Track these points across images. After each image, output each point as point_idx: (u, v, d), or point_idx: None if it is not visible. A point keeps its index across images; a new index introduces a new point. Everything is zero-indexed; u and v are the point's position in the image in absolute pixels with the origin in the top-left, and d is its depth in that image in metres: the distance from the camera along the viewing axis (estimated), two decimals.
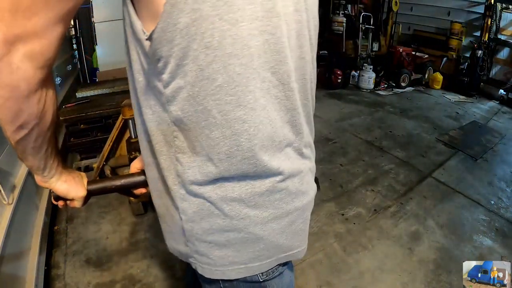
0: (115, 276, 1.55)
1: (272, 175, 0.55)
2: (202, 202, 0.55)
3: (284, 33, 0.50)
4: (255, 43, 0.47)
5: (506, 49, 5.15)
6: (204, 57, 0.45)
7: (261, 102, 0.50)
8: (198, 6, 0.42)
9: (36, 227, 1.57)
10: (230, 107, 0.48)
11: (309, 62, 0.59)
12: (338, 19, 5.15)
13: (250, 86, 0.48)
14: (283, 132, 0.55)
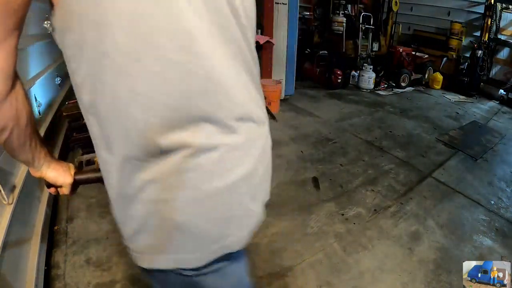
0: (115, 276, 1.54)
1: (177, 150, 0.50)
2: (120, 186, 0.54)
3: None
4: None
5: (506, 49, 5.16)
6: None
7: (155, 70, 0.47)
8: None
9: (36, 227, 1.57)
10: (121, 79, 0.47)
11: (235, 24, 0.56)
12: (338, 19, 5.15)
13: (140, 54, 0.46)
14: (189, 104, 0.50)
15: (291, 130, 3.37)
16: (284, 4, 3.82)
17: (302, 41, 4.94)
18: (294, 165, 2.67)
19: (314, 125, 3.55)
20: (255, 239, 1.82)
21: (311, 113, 3.92)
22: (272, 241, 1.82)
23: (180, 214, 0.53)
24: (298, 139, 3.18)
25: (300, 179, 2.47)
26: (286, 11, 3.87)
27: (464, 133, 3.63)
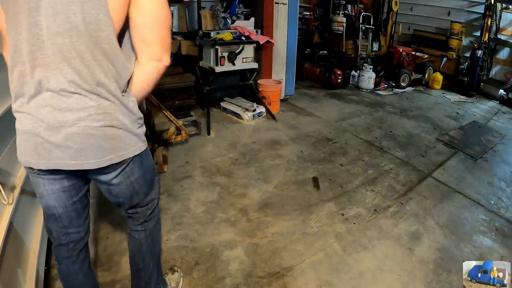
0: (115, 276, 1.54)
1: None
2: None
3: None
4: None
5: (506, 49, 5.16)
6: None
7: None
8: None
9: (36, 227, 1.57)
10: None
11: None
12: (338, 19, 5.15)
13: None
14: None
15: (291, 130, 3.37)
16: (284, 4, 3.82)
17: (302, 41, 4.95)
18: (294, 165, 2.67)
19: (314, 125, 3.55)
20: (255, 239, 1.83)
21: (311, 113, 3.92)
22: (272, 241, 1.82)
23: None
24: (298, 139, 3.18)
25: (300, 179, 2.47)
26: (286, 11, 3.87)
27: (464, 133, 3.63)
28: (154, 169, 1.16)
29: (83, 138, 0.88)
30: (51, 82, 0.84)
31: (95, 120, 0.88)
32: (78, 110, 0.86)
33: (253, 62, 3.58)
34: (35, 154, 0.90)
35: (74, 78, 0.85)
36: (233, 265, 1.65)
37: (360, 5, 5.60)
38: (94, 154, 0.90)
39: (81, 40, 0.83)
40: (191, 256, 1.69)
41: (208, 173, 2.47)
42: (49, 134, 0.87)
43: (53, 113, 0.85)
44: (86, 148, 0.89)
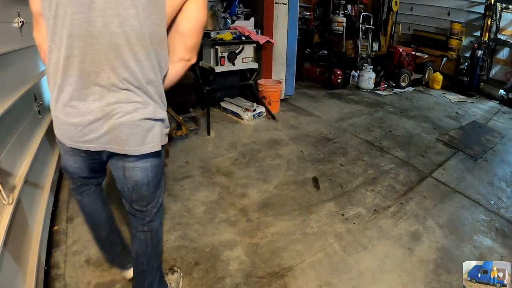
0: (115, 276, 1.54)
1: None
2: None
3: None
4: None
5: (506, 49, 5.16)
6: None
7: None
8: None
9: (36, 227, 1.57)
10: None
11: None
12: (338, 19, 5.15)
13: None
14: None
15: (291, 130, 3.37)
16: (284, 4, 3.82)
17: (302, 41, 4.95)
18: (294, 165, 2.67)
19: (314, 125, 3.55)
20: (255, 239, 1.83)
21: (311, 113, 3.92)
22: (272, 241, 1.82)
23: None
24: (298, 139, 3.18)
25: (300, 179, 2.47)
26: (286, 11, 3.87)
27: (464, 133, 3.63)
28: (162, 165, 1.21)
29: (127, 129, 0.97)
30: (101, 77, 0.91)
31: (140, 113, 0.97)
32: (126, 104, 0.95)
33: (253, 62, 3.58)
34: (76, 138, 0.99)
35: (127, 77, 0.92)
36: (233, 265, 1.65)
37: (360, 5, 5.60)
38: (136, 142, 1.00)
39: (138, 42, 0.90)
40: (191, 256, 1.69)
41: (208, 173, 2.47)
42: (94, 124, 0.95)
43: (100, 105, 0.93)
44: (129, 137, 0.98)
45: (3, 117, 1.43)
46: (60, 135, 1.02)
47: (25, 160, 1.68)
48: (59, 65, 0.90)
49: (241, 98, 3.92)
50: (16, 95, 1.68)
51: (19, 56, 1.90)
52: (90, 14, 0.85)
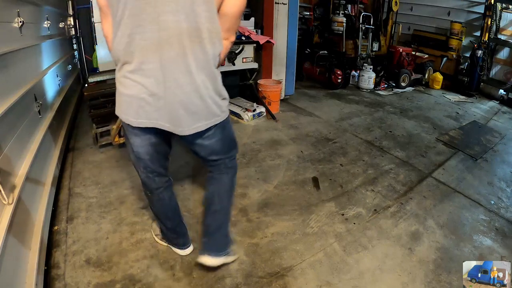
0: (115, 276, 1.54)
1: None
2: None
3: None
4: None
5: (506, 49, 5.16)
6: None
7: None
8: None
9: (36, 227, 1.57)
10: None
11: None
12: (338, 19, 5.15)
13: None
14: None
15: (291, 130, 3.37)
16: (284, 4, 3.82)
17: (302, 41, 4.95)
18: (294, 165, 2.67)
19: (314, 125, 3.55)
20: (255, 239, 1.82)
21: (311, 113, 3.92)
22: (272, 241, 1.82)
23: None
24: (298, 139, 3.18)
25: (300, 179, 2.47)
26: (286, 11, 3.87)
27: (464, 133, 3.63)
28: (233, 134, 1.41)
29: (188, 106, 1.14)
30: (165, 55, 1.07)
31: (199, 92, 1.13)
32: (187, 84, 1.11)
33: (253, 62, 3.58)
34: (135, 114, 1.15)
35: (191, 60, 1.09)
36: (233, 265, 1.64)
37: (360, 5, 5.60)
38: (204, 117, 1.18)
39: (205, 29, 1.08)
40: (191, 256, 1.69)
41: None
42: (155, 101, 1.12)
43: (163, 79, 1.09)
44: (205, 112, 1.18)
45: (3, 117, 1.43)
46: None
47: (25, 160, 1.68)
48: (137, 48, 1.10)
49: (241, 98, 3.92)
50: (16, 95, 1.68)
51: (19, 56, 1.90)
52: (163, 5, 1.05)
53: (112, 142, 2.71)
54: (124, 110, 1.18)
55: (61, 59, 3.22)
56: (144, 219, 1.94)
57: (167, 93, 1.11)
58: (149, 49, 1.06)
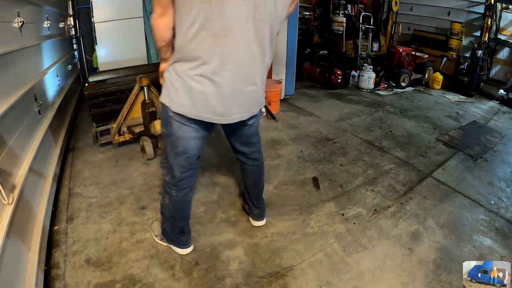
0: (115, 276, 1.55)
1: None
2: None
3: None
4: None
5: (506, 49, 5.15)
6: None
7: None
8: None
9: (36, 227, 1.57)
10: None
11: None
12: (338, 19, 5.15)
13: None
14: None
15: (291, 130, 3.37)
16: None
17: (302, 41, 4.94)
18: (294, 165, 2.67)
19: (314, 125, 3.55)
20: (255, 239, 1.83)
21: (311, 113, 3.92)
22: (272, 241, 1.82)
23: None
24: (298, 139, 3.18)
25: (300, 179, 2.47)
26: None
27: (464, 133, 3.63)
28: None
29: (250, 99, 1.36)
30: (239, 56, 1.22)
31: (258, 86, 1.35)
32: (253, 79, 1.30)
33: None
34: (206, 110, 1.28)
35: (256, 56, 1.26)
36: (233, 265, 1.65)
37: (360, 5, 5.60)
38: (253, 107, 1.42)
39: (272, 27, 1.25)
40: (191, 256, 1.69)
41: (208, 173, 2.47)
42: (229, 97, 1.28)
43: (234, 80, 1.25)
44: (250, 105, 1.39)
45: (3, 117, 1.43)
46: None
47: (25, 160, 1.68)
48: (209, 45, 1.21)
49: None
50: (16, 95, 1.68)
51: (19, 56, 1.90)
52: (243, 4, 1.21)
53: (112, 140, 2.72)
54: (188, 104, 1.27)
55: (61, 59, 3.22)
56: (144, 219, 1.95)
57: (236, 89, 1.29)
58: (231, 52, 1.20)
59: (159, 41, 1.24)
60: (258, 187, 1.85)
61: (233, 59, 1.21)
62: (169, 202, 1.56)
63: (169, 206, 1.58)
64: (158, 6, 1.16)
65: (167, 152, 1.45)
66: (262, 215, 1.92)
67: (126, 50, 4.29)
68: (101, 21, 4.08)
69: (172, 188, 1.52)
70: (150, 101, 2.55)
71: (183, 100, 1.27)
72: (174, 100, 1.29)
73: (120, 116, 2.64)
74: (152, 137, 2.61)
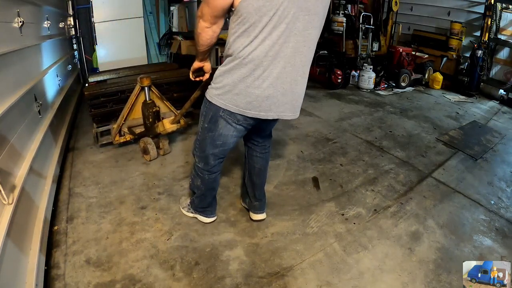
0: (115, 276, 1.55)
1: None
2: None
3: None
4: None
5: (506, 49, 5.15)
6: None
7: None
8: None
9: (36, 227, 1.57)
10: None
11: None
12: (338, 19, 5.15)
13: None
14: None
15: (291, 130, 3.37)
16: None
17: None
18: (294, 165, 2.67)
19: (314, 125, 3.55)
20: (255, 239, 1.83)
21: (311, 113, 3.92)
22: (272, 241, 1.82)
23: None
24: (298, 139, 3.18)
25: (300, 179, 2.47)
26: None
27: (464, 133, 3.63)
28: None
29: (299, 99, 1.48)
30: (296, 60, 1.33)
31: (301, 87, 1.45)
32: (302, 79, 1.42)
33: None
34: (262, 110, 1.38)
35: (305, 60, 1.38)
36: (233, 265, 1.65)
37: (360, 5, 5.60)
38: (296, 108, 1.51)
39: (318, 32, 1.37)
40: (191, 256, 1.69)
41: None
42: (282, 97, 1.38)
43: (289, 82, 1.36)
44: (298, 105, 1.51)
45: (3, 117, 1.43)
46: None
47: (25, 160, 1.69)
48: (269, 50, 1.32)
49: None
50: (16, 95, 1.68)
51: (19, 56, 1.90)
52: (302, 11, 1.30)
53: (113, 141, 2.71)
54: (244, 105, 1.37)
55: (61, 59, 3.22)
56: (144, 219, 1.95)
57: (288, 90, 1.38)
58: (290, 56, 1.30)
59: (202, 46, 1.40)
60: (263, 176, 1.90)
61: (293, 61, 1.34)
62: (201, 183, 1.74)
63: (201, 186, 1.75)
64: (210, 16, 1.26)
65: (206, 144, 1.57)
66: (262, 208, 1.95)
67: (126, 50, 4.30)
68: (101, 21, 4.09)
69: (204, 173, 1.69)
70: (152, 101, 2.55)
71: (240, 100, 1.37)
72: (231, 102, 1.38)
73: (121, 116, 2.63)
74: (154, 138, 2.61)
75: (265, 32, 1.23)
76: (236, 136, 1.54)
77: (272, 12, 1.19)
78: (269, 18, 1.20)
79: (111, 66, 3.78)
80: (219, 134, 1.51)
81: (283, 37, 1.25)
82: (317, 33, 1.36)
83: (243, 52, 1.27)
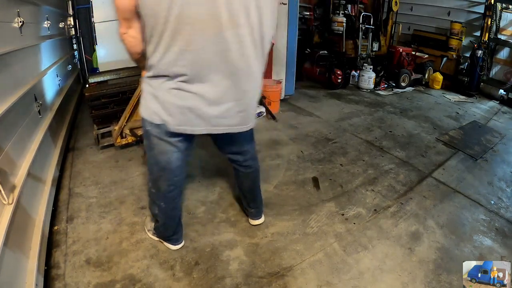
0: (115, 276, 1.55)
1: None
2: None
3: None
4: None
5: (506, 49, 5.15)
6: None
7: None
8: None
9: (36, 227, 1.57)
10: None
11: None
12: (338, 19, 5.15)
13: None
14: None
15: (291, 130, 3.37)
16: (284, 4, 3.82)
17: (302, 41, 4.94)
18: (294, 165, 2.67)
19: (314, 125, 3.55)
20: (255, 239, 1.83)
21: (311, 113, 3.92)
22: (272, 241, 1.82)
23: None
24: (298, 139, 3.18)
25: (300, 179, 2.47)
26: (286, 11, 3.87)
27: (464, 133, 3.63)
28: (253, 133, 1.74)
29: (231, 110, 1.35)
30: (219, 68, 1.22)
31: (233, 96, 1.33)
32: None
33: None
34: (188, 123, 1.27)
35: (234, 69, 1.24)
36: (233, 265, 1.65)
37: (360, 5, 5.59)
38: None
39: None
40: (191, 256, 1.69)
41: (208, 173, 2.47)
42: (211, 109, 1.27)
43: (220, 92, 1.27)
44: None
45: (3, 117, 1.43)
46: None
47: (25, 160, 1.69)
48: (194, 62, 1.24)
49: None
50: (16, 95, 1.68)
51: (19, 56, 1.90)
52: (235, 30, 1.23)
53: (114, 143, 2.71)
54: (172, 118, 1.25)
55: (61, 59, 3.22)
56: (144, 219, 1.94)
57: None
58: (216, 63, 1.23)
59: (132, 54, 1.27)
60: (253, 192, 1.84)
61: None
62: (159, 211, 1.58)
63: (159, 215, 1.60)
64: (122, 20, 1.17)
65: (152, 166, 1.45)
66: (259, 214, 1.93)
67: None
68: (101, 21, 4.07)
69: (160, 200, 1.54)
70: None
71: (169, 113, 1.25)
72: (160, 113, 1.27)
73: (123, 118, 2.63)
74: None
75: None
76: (177, 152, 1.38)
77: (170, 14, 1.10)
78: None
79: (111, 66, 3.77)
80: (159, 151, 1.37)
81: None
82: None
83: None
